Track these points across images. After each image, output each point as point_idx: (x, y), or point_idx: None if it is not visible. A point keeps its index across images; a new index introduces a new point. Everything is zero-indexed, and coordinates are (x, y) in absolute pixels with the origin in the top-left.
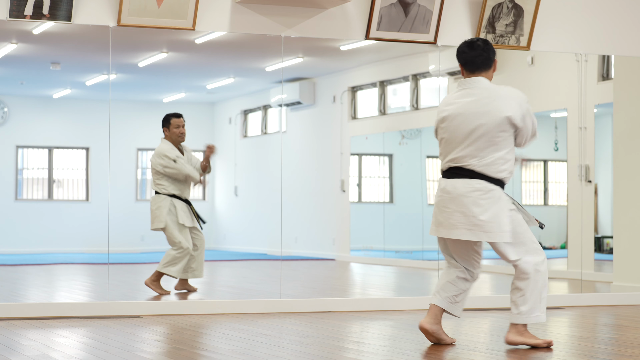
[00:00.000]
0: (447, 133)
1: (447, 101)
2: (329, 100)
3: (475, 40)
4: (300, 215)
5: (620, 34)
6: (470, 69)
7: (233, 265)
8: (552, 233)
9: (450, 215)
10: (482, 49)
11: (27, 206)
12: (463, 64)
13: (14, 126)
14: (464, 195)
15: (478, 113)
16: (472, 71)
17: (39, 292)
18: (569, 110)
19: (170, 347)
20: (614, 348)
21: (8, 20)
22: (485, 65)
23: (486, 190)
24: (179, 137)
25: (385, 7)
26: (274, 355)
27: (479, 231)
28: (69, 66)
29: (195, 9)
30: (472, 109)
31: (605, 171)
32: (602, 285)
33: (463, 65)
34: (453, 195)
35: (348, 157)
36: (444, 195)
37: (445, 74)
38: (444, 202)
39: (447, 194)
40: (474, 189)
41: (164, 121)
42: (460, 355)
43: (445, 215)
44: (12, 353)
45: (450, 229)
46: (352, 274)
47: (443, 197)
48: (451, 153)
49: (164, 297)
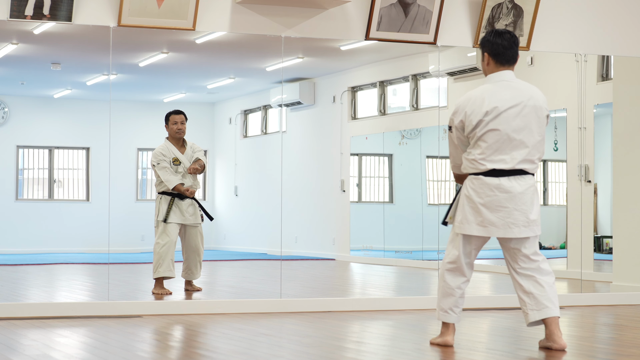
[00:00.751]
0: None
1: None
2: (329, 101)
3: (507, 32)
4: (300, 215)
5: (619, 34)
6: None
7: (233, 265)
8: (552, 233)
9: (509, 214)
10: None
11: (28, 206)
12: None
13: (15, 126)
14: (523, 193)
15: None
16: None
17: (40, 292)
18: (569, 110)
19: (170, 347)
20: (614, 348)
21: (8, 21)
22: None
23: (535, 186)
24: (177, 133)
25: (385, 8)
26: (274, 355)
27: (534, 226)
28: (70, 66)
29: (195, 9)
30: (522, 102)
31: (605, 171)
32: (601, 285)
33: (495, 56)
34: (513, 193)
35: (348, 157)
36: (500, 194)
37: (445, 74)
38: (499, 201)
39: (506, 193)
40: (529, 185)
41: (165, 119)
42: (460, 355)
43: (503, 215)
44: (12, 353)
45: (508, 228)
46: (352, 274)
47: (498, 197)
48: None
49: (165, 297)
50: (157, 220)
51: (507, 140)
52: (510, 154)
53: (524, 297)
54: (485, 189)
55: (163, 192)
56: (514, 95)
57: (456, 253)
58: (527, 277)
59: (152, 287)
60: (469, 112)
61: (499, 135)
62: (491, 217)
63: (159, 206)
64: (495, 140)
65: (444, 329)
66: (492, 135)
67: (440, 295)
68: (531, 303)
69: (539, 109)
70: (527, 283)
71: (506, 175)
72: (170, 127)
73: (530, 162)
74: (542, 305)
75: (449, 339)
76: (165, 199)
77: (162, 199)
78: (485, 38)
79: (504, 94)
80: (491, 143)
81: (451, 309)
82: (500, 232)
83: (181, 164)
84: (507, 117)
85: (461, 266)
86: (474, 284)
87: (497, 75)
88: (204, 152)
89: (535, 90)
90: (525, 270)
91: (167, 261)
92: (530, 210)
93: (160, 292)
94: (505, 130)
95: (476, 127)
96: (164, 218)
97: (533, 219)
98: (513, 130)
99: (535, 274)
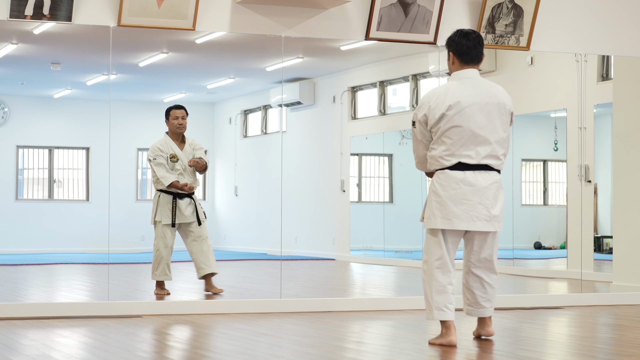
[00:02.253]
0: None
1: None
2: (329, 100)
3: (473, 31)
4: (300, 215)
5: (619, 34)
6: (467, 60)
7: (233, 265)
8: (552, 233)
9: (473, 207)
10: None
11: (28, 206)
12: (460, 54)
13: (15, 126)
14: (487, 187)
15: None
16: (468, 62)
17: (40, 292)
18: (569, 110)
19: (170, 347)
20: (614, 348)
21: (8, 21)
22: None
23: (500, 182)
24: (177, 128)
25: (385, 8)
26: (274, 355)
27: (495, 222)
28: (70, 66)
29: (195, 9)
30: (484, 99)
31: (605, 171)
32: (601, 285)
33: (460, 56)
34: (478, 187)
35: (348, 157)
36: (465, 187)
37: (445, 74)
38: (463, 194)
39: (470, 186)
40: (494, 180)
41: (165, 113)
42: (460, 355)
43: (467, 207)
44: (12, 353)
45: (471, 221)
46: (352, 273)
47: (463, 190)
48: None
49: (166, 297)
50: (155, 220)
51: (472, 136)
52: (475, 149)
53: (466, 292)
54: (451, 182)
55: (162, 190)
56: (478, 92)
57: (440, 250)
58: (476, 276)
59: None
60: (433, 105)
61: (463, 131)
62: (455, 210)
63: (157, 205)
64: (459, 136)
65: (445, 330)
66: (456, 132)
67: (433, 293)
68: (471, 300)
69: (502, 106)
70: (474, 281)
71: (471, 169)
72: (171, 122)
73: (495, 157)
74: (480, 306)
75: (453, 338)
76: (165, 199)
77: (160, 198)
78: (450, 38)
79: (467, 90)
80: (455, 140)
81: (446, 306)
82: (464, 224)
83: (179, 161)
84: (471, 113)
85: (447, 262)
86: None
87: (462, 73)
88: (204, 151)
89: (499, 89)
90: (477, 269)
91: (162, 265)
92: (493, 205)
93: (160, 292)
94: (469, 127)
95: (439, 120)
96: (168, 222)
97: (495, 215)
98: (477, 126)
99: (485, 276)
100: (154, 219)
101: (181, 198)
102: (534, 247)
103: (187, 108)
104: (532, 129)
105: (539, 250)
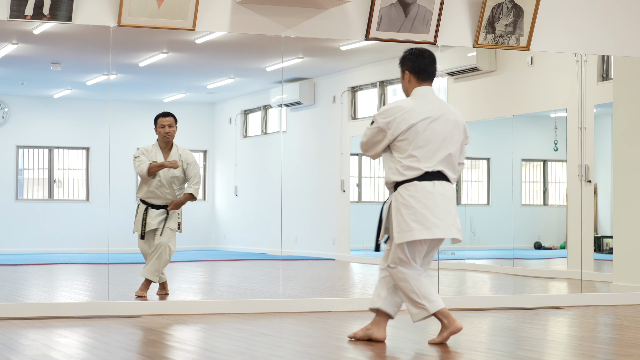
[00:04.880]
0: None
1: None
2: (329, 101)
3: (426, 50)
4: (300, 215)
5: (619, 34)
6: (424, 78)
7: (233, 265)
8: (552, 233)
9: (448, 215)
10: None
11: (28, 206)
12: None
13: (15, 126)
14: (452, 197)
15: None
16: (425, 80)
17: (40, 292)
18: (569, 110)
19: (170, 347)
20: (614, 348)
21: (8, 21)
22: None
23: (455, 192)
24: (164, 137)
25: (385, 8)
26: (274, 355)
27: (457, 229)
28: (70, 66)
29: (195, 9)
30: (446, 114)
31: (605, 171)
32: (601, 285)
33: (417, 74)
34: (446, 196)
35: (348, 157)
36: (437, 196)
37: (445, 74)
38: (437, 204)
39: (441, 195)
40: (453, 191)
41: (154, 121)
42: (460, 355)
43: (443, 216)
44: (12, 353)
45: (448, 229)
46: (352, 274)
47: (436, 199)
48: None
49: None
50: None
51: (437, 148)
52: (439, 161)
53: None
54: (423, 192)
55: (142, 200)
56: (439, 107)
57: (407, 257)
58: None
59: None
60: (399, 119)
61: (427, 143)
62: (433, 219)
63: (135, 214)
64: (426, 149)
65: (445, 319)
66: (421, 143)
67: (415, 289)
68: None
69: (458, 122)
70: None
71: (437, 179)
72: (158, 130)
73: (453, 170)
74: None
75: (458, 323)
76: (141, 209)
77: (138, 208)
78: (405, 57)
79: (431, 105)
80: (424, 152)
81: (431, 294)
82: (442, 232)
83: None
84: (435, 127)
85: (409, 261)
86: (474, 284)
87: (421, 90)
88: (199, 169)
89: (452, 106)
90: (424, 274)
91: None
92: (456, 214)
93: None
94: (432, 139)
95: (406, 131)
96: (139, 234)
97: (458, 222)
98: (440, 139)
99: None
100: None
101: (156, 208)
102: (534, 247)
103: (187, 108)
104: (532, 129)
105: (539, 250)
